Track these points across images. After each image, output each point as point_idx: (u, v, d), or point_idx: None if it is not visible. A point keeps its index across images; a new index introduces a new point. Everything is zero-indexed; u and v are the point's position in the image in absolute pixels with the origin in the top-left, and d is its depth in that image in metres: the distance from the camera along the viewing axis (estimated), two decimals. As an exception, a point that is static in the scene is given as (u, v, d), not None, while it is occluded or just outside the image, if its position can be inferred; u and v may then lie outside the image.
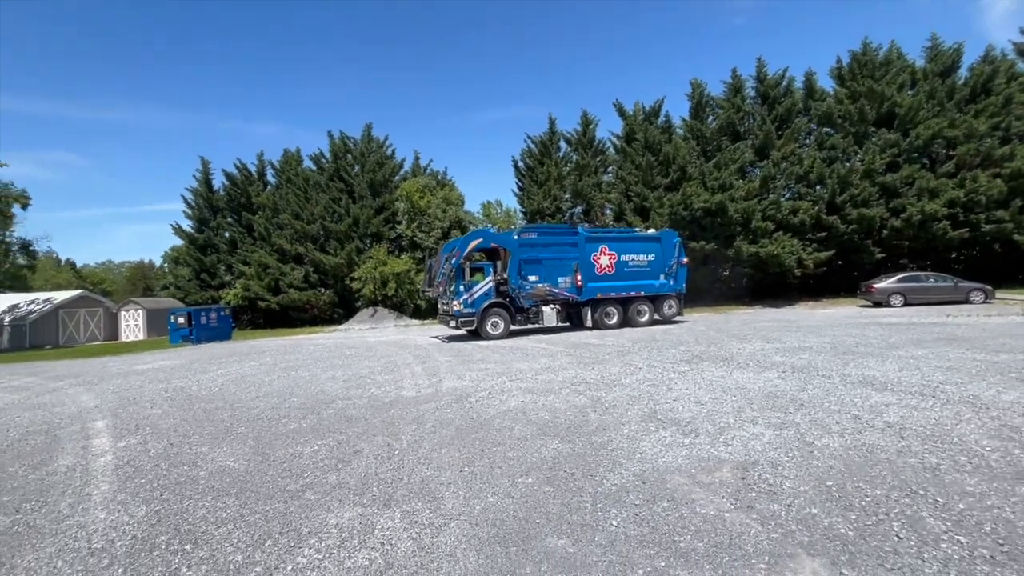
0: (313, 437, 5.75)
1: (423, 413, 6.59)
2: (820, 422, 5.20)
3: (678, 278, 18.29)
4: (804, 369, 8.18)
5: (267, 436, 5.96)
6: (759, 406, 5.96)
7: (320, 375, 10.47)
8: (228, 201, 35.65)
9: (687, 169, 27.19)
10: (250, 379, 10.49)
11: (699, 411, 5.89)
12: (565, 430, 5.44)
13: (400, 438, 5.50)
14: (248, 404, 7.92)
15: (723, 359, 9.67)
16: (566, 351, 12.21)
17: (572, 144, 32.33)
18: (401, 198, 30.72)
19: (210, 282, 34.58)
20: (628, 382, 7.90)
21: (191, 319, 22.09)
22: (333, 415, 6.80)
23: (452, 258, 15.74)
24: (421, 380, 9.19)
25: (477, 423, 5.95)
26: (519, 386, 8.06)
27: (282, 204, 32.69)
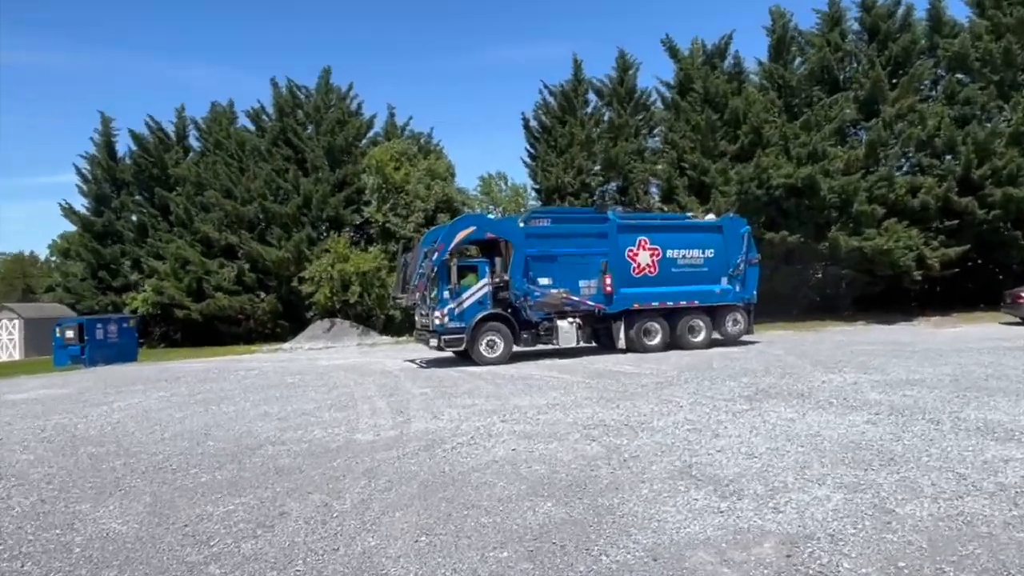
0: (228, 494, 5.96)
1: (378, 464, 6.78)
2: (910, 482, 5.29)
3: (747, 282, 18.43)
4: (906, 411, 8.26)
5: (168, 491, 6.18)
6: (832, 460, 6.06)
7: (248, 411, 10.74)
8: (136, 173, 36.43)
9: (763, 131, 27.29)
10: (155, 415, 10.79)
11: (749, 466, 6.00)
12: (564, 489, 5.58)
13: (343, 496, 5.69)
14: (149, 449, 8.18)
15: (798, 395, 9.79)
16: (585, 382, 12.38)
17: (604, 96, 32.60)
18: (369, 169, 31.15)
19: (110, 283, 35.31)
20: (661, 425, 8.05)
21: (83, 333, 22.61)
22: (259, 465, 7.02)
23: (433, 253, 15.96)
24: (383, 419, 9.41)
25: (448, 478, 6.12)
26: (513, 429, 8.24)
27: (208, 177, 33.33)
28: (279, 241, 31.18)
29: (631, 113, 31.21)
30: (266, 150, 33.82)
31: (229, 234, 32.53)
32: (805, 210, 26.28)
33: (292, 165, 33.08)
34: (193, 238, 33.25)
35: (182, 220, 33.55)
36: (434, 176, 31.71)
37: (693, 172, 27.83)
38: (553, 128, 32.45)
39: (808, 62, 28.74)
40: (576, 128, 30.58)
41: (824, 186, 25.37)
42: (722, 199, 25.81)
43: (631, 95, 31.84)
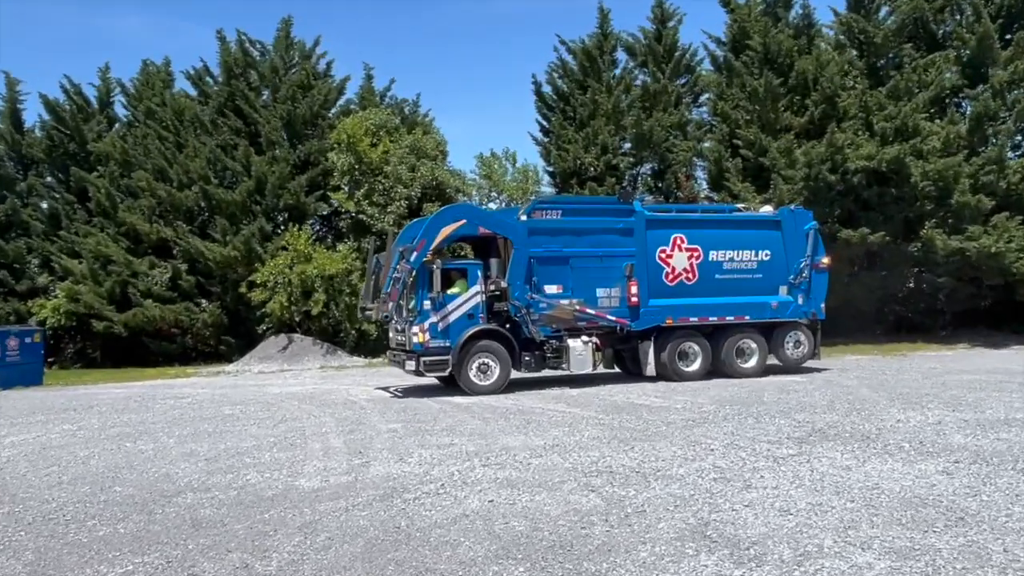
0: (130, 551, 6.12)
1: (320, 517, 6.93)
2: (977, 548, 5.37)
3: (812, 292, 18.52)
4: (995, 458, 8.36)
5: (56, 547, 6.35)
6: (886, 519, 6.15)
7: (171, 449, 10.97)
8: (49, 149, 36.95)
9: (838, 100, 27.38)
10: (55, 454, 11.04)
11: (781, 525, 6.10)
12: (544, 551, 5.69)
13: (269, 556, 5.83)
14: (41, 495, 8.39)
15: (862, 438, 9.92)
16: (597, 418, 12.54)
17: (638, 55, 32.81)
18: (339, 146, 31.46)
19: (13, 286, 35.75)
20: (680, 473, 8.16)
21: (-25, 349, 22.96)
22: (172, 516, 7.19)
23: (411, 252, 16.09)
24: (335, 462, 9.58)
25: (403, 535, 6.25)
26: (495, 476, 8.38)
27: (137, 155, 33.78)
28: (224, 236, 31.50)
29: (671, 77, 31.40)
30: (210, 121, 34.23)
31: (162, 226, 32.90)
32: (891, 201, 26.33)
33: (242, 140, 33.44)
34: (117, 231, 33.63)
35: (104, 208, 33.96)
36: (420, 155, 31.97)
37: (749, 151, 27.95)
38: (572, 95, 32.70)
39: (897, 13, 28.81)
40: (601, 95, 30.78)
41: (916, 171, 25.41)
42: (784, 186, 25.88)
43: (671, 54, 32.07)
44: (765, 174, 27.26)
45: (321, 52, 36.39)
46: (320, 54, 36.33)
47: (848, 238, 25.88)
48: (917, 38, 29.71)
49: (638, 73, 32.97)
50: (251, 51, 35.58)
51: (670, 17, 32.78)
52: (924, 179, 25.42)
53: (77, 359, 36.27)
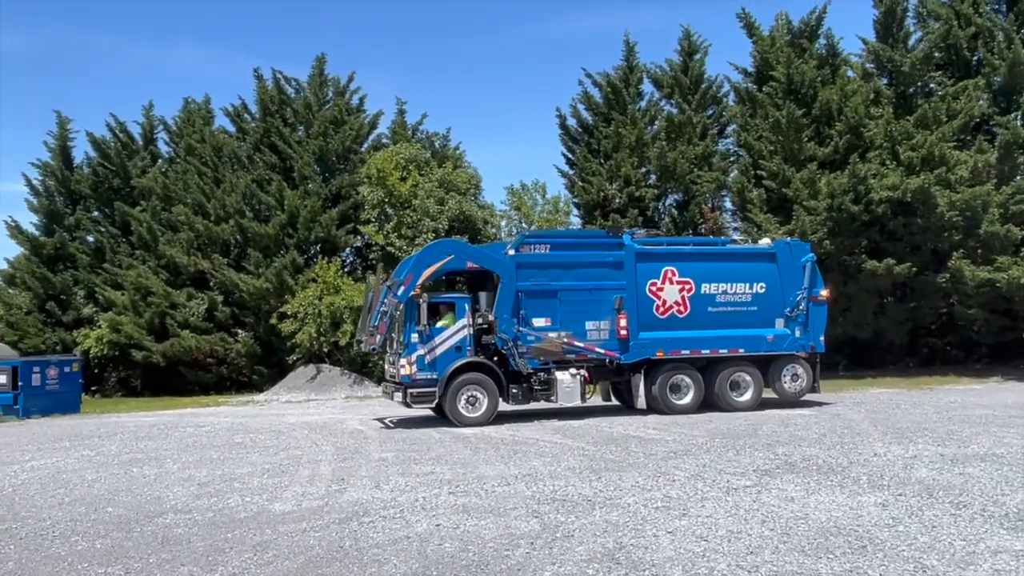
0: (97, 563, 6.89)
1: (277, 536, 7.63)
2: (858, 572, 5.82)
3: (810, 325, 18.64)
4: (941, 492, 8.67)
5: (36, 559, 7.17)
6: (792, 547, 6.58)
7: (171, 475, 11.82)
8: (95, 185, 38.96)
9: (862, 130, 27.54)
10: (66, 477, 11.99)
11: (689, 550, 6.58)
12: (460, 568, 6.28)
13: (215, 570, 6.53)
14: (40, 514, 9.27)
15: (827, 471, 10.26)
16: (584, 449, 13.06)
17: (663, 86, 33.39)
18: (369, 180, 32.62)
19: (60, 317, 37.64)
20: (629, 502, 8.67)
21: (17, 378, 24.40)
22: (148, 534, 7.97)
23: (399, 287, 16.79)
24: (315, 487, 10.30)
25: (341, 553, 6.91)
26: (455, 502, 8.99)
27: (178, 190, 35.46)
28: (258, 268, 32.80)
29: (697, 108, 31.89)
30: (247, 157, 35.82)
31: (200, 259, 34.38)
32: (918, 232, 26.31)
33: (277, 175, 34.89)
34: (158, 263, 35.26)
35: (145, 242, 35.67)
36: (450, 189, 32.92)
37: (772, 182, 28.20)
38: (596, 128, 33.40)
39: (927, 39, 28.89)
40: (624, 127, 31.40)
41: (943, 201, 25.34)
42: (807, 217, 26.08)
43: (697, 86, 32.58)
44: (788, 205, 27.47)
45: (354, 88, 37.83)
46: (353, 90, 37.75)
47: (874, 269, 25.89)
48: (950, 65, 29.70)
49: (664, 105, 33.51)
50: (286, 88, 37.11)
51: (697, 49, 33.30)
52: (951, 209, 25.32)
53: (119, 388, 37.94)
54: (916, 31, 30.15)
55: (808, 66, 28.70)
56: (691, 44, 33.37)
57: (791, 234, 26.33)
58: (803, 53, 29.83)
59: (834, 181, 26.16)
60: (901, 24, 29.82)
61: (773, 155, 28.32)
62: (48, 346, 36.66)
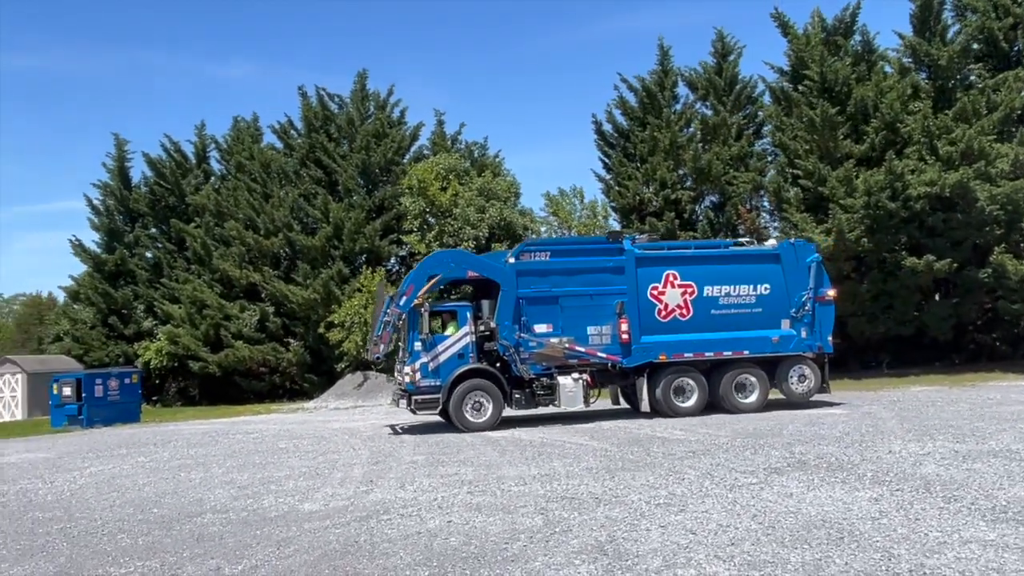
0: (137, 557, 7.60)
1: (301, 533, 8.25)
2: (822, 561, 6.15)
3: (817, 325, 18.53)
4: (937, 487, 8.84)
5: (85, 554, 7.91)
6: (772, 539, 6.91)
7: (216, 478, 12.59)
8: (152, 203, 40.72)
9: (899, 126, 27.34)
10: (120, 482, 12.85)
11: (675, 542, 6.98)
12: (458, 560, 6.79)
13: (239, 562, 7.16)
14: (93, 515, 10.07)
15: (836, 468, 10.48)
16: (606, 450, 13.46)
17: (698, 89, 33.53)
18: (410, 191, 33.47)
19: (122, 330, 39.41)
20: (633, 499, 9.07)
21: (81, 390, 25.78)
22: (186, 532, 8.67)
23: (401, 297, 17.22)
24: (345, 488, 10.93)
25: (355, 548, 7.48)
26: (470, 501, 9.51)
27: (229, 206, 36.86)
28: (306, 279, 33.92)
29: (732, 109, 31.96)
30: (293, 172, 37.05)
31: (251, 271, 35.70)
32: (958, 227, 26.00)
33: (322, 189, 36.05)
34: (212, 277, 36.74)
35: (200, 256, 37.18)
36: (490, 197, 33.57)
37: (808, 181, 28.16)
38: (632, 132, 33.70)
39: (964, 32, 28.55)
40: (660, 131, 31.64)
41: (983, 195, 25.07)
42: (844, 216, 26.00)
43: (731, 86, 32.65)
44: (825, 204, 27.41)
45: (395, 100, 38.83)
46: (394, 103, 38.75)
47: (914, 266, 25.68)
48: (989, 57, 29.31)
49: (699, 107, 33.65)
50: (329, 105, 38.28)
51: (731, 50, 33.37)
52: (992, 203, 25.02)
53: (179, 397, 39.54)
54: (954, 24, 29.80)
55: (842, 64, 28.60)
56: (724, 45, 33.46)
57: (828, 233, 26.38)
58: (838, 50, 29.73)
59: (870, 178, 26.03)
60: (938, 17, 29.50)
61: (809, 154, 28.27)
62: (111, 358, 38.42)
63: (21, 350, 66.78)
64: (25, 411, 34.99)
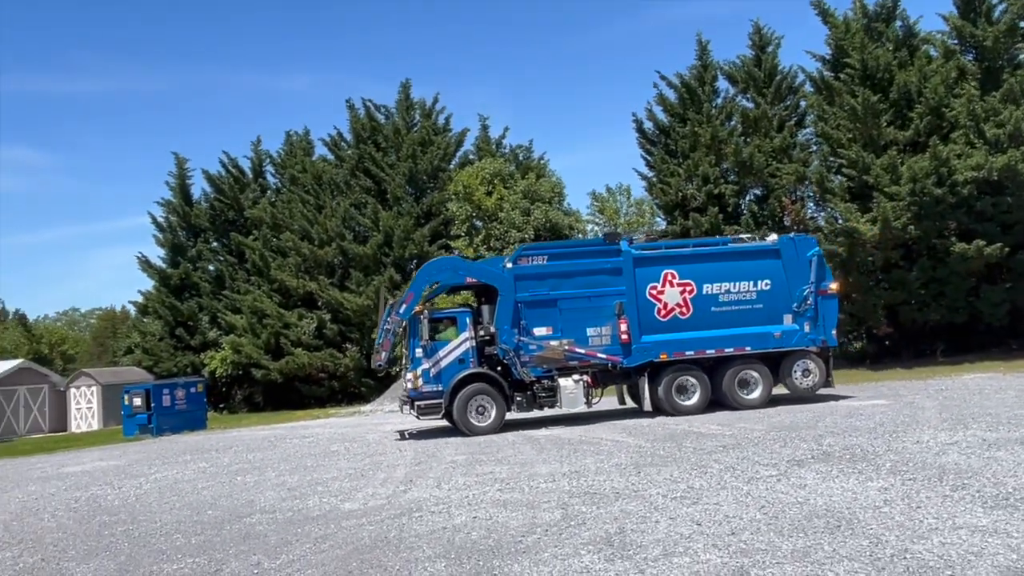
0: (188, 555, 8.32)
1: (339, 530, 8.88)
2: (810, 547, 6.48)
3: (820, 319, 18.46)
4: (950, 475, 9.03)
5: (143, 552, 8.68)
6: (771, 528, 7.25)
7: (269, 481, 13.39)
8: (212, 218, 42.34)
9: (944, 111, 26.91)
10: (181, 486, 13.75)
11: (680, 532, 7.37)
12: (475, 552, 7.30)
13: (279, 557, 7.81)
14: (154, 517, 10.90)
15: (858, 459, 10.70)
16: (640, 445, 13.84)
17: (738, 82, 33.43)
18: (456, 196, 34.19)
19: (189, 341, 41.08)
20: (652, 493, 9.47)
21: (150, 400, 27.14)
22: (235, 532, 9.39)
23: (401, 305, 17.66)
24: (385, 488, 11.57)
25: (383, 542, 8.07)
26: (499, 497, 10.03)
27: (284, 218, 38.13)
28: (359, 286, 34.94)
29: (772, 101, 31.80)
30: (344, 183, 38.14)
31: (307, 281, 36.91)
32: (1009, 210, 25.51)
33: (371, 198, 37.03)
34: (270, 287, 38.06)
35: (259, 268, 38.57)
36: (535, 199, 34.08)
37: (852, 170, 27.90)
38: (672, 128, 33.77)
39: (1010, 10, 27.92)
40: (700, 127, 31.67)
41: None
42: (888, 204, 25.72)
43: (771, 78, 32.46)
44: (870, 192, 27.14)
45: (440, 108, 39.63)
46: (439, 110, 39.55)
47: (963, 252, 25.29)
48: (1035, 35, 28.60)
49: (740, 100, 33.52)
50: (376, 116, 39.26)
51: (769, 42, 33.16)
52: (1042, 185, 24.54)
53: (244, 404, 41.03)
54: (1000, 2, 29.10)
55: (883, 50, 28.26)
56: (762, 37, 33.28)
57: (874, 222, 26.16)
58: (879, 36, 29.36)
59: (915, 165, 25.71)
60: None
61: (852, 143, 28.00)
62: (180, 368, 40.11)
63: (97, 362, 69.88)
64: (100, 421, 36.82)
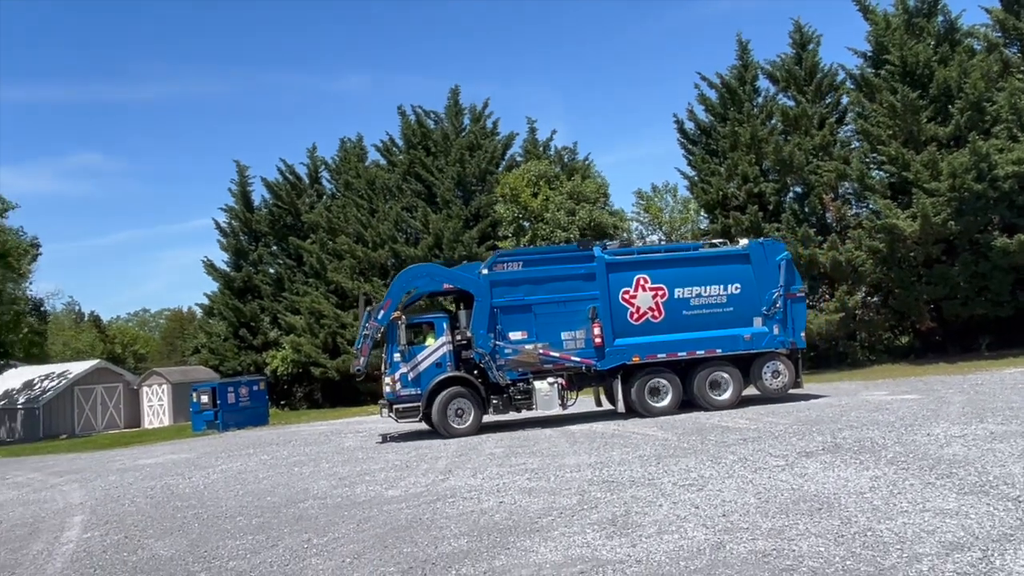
0: (249, 533, 9.48)
1: (381, 513, 9.96)
2: (785, 527, 7.28)
3: (789, 322, 18.86)
4: (942, 465, 9.67)
5: (211, 531, 9.89)
6: (759, 511, 8.04)
7: (322, 471, 14.59)
8: (271, 223, 44.15)
9: (985, 105, 26.91)
10: (244, 476, 15.05)
11: (677, 515, 8.21)
12: (494, 531, 8.26)
13: (326, 535, 8.90)
14: (221, 503, 12.17)
15: (865, 451, 11.36)
16: (667, 439, 14.67)
17: (779, 81, 33.68)
18: (504, 198, 35.20)
19: (251, 341, 42.99)
20: (664, 482, 10.30)
21: (216, 398, 28.84)
22: (289, 515, 10.55)
23: (379, 311, 18.28)
24: (426, 477, 12.63)
25: (416, 523, 9.10)
26: (526, 485, 11.00)
27: (339, 222, 39.68)
28: (411, 287, 36.19)
29: (812, 99, 32.01)
30: (396, 187, 39.49)
31: (362, 282, 38.34)
32: (1053, 204, 25.46)
33: (422, 201, 38.29)
34: (327, 289, 39.65)
35: (316, 270, 40.20)
36: (580, 199, 34.89)
37: (892, 167, 28.06)
38: (712, 129, 34.20)
39: (1055, 2, 27.75)
40: (740, 126, 32.06)
41: (1074, 171, 24.50)
42: (928, 200, 25.88)
43: (811, 76, 32.63)
44: (907, 187, 27.28)
45: (489, 112, 40.73)
46: (487, 114, 40.63)
47: (1005, 246, 25.34)
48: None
49: (781, 98, 33.75)
50: (426, 122, 40.52)
51: (809, 40, 33.27)
52: (1085, 179, 24.44)
53: (305, 401, 42.77)
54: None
55: (923, 46, 28.32)
56: (803, 35, 33.41)
57: (913, 218, 26.35)
58: (921, 32, 29.37)
59: (954, 161, 25.81)
60: (1028, -11, 28.73)
61: (891, 139, 28.16)
62: (243, 367, 42.03)
63: (167, 361, 72.99)
64: (171, 417, 38.93)
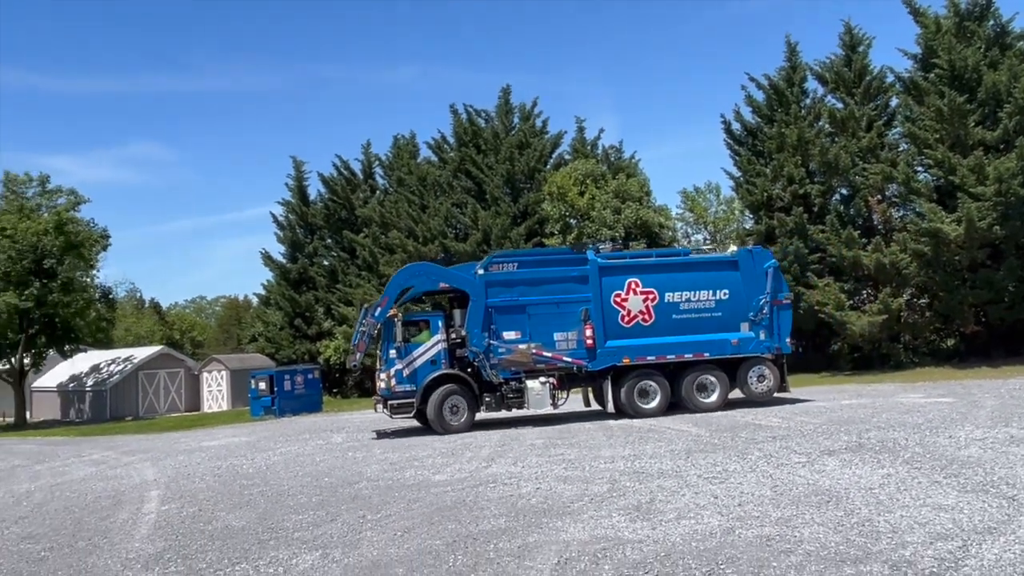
0: (310, 509, 10.51)
1: (428, 495, 10.88)
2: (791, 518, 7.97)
3: (775, 328, 19.27)
4: (954, 465, 10.21)
5: (276, 507, 10.94)
6: (772, 503, 8.72)
7: (374, 456, 15.62)
8: (326, 217, 45.61)
9: (1034, 110, 26.82)
10: (302, 459, 16.17)
11: (697, 503, 8.97)
12: (528, 512, 9.11)
13: (379, 512, 9.85)
14: (280, 482, 13.26)
15: (886, 450, 11.91)
16: (700, 435, 15.33)
17: (827, 82, 33.79)
18: (551, 196, 35.99)
19: (306, 330, 44.52)
20: (690, 474, 11.02)
21: (273, 385, 30.26)
22: (345, 494, 11.57)
23: (376, 308, 18.86)
24: (471, 464, 13.54)
25: (459, 503, 10.00)
26: (562, 474, 11.82)
27: (392, 217, 40.88)
28: (460, 282, 37.23)
29: (861, 101, 32.08)
30: (447, 183, 40.53)
31: (412, 276, 39.52)
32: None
33: (471, 198, 39.27)
34: (379, 282, 40.84)
35: (368, 264, 41.48)
36: (626, 197, 35.52)
37: (939, 170, 28.11)
38: (759, 130, 34.45)
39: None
40: (787, 127, 32.29)
41: (1125, 177, 24.36)
42: (972, 204, 25.94)
43: (860, 78, 32.67)
44: (953, 191, 27.32)
45: (538, 112, 41.56)
46: (537, 114, 41.44)
47: (1048, 253, 25.32)
48: None
49: (829, 99, 33.86)
50: (476, 120, 41.49)
51: (859, 42, 33.28)
52: None
53: (355, 390, 44.14)
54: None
55: (972, 50, 28.27)
56: (853, 37, 33.44)
57: (959, 222, 26.43)
58: (971, 36, 29.30)
59: (1001, 166, 25.82)
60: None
61: (939, 143, 28.20)
62: (298, 356, 43.59)
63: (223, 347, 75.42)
64: (229, 402, 40.68)
